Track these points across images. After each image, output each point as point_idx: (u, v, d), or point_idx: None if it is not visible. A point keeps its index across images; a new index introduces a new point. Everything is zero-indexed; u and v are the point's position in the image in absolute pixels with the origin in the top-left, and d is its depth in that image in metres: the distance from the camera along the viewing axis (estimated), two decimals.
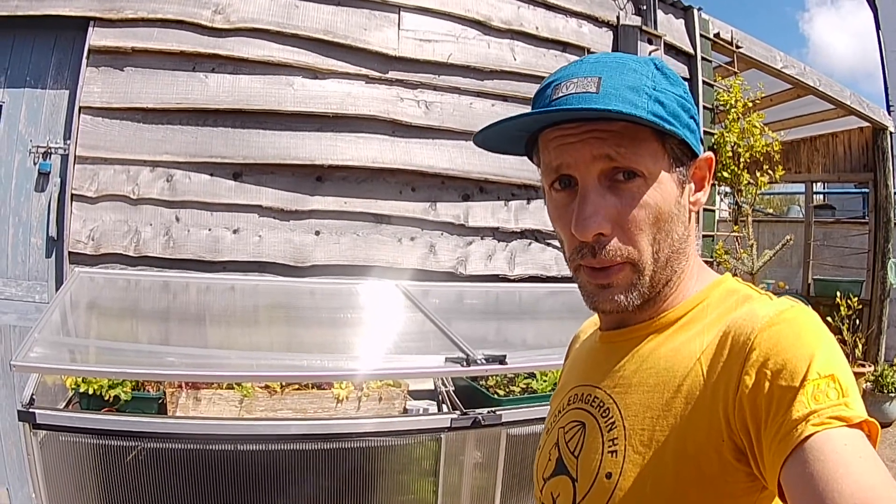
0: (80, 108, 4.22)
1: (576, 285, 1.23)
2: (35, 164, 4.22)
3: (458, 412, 3.28)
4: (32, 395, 2.73)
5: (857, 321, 9.01)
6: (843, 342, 8.48)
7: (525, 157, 1.28)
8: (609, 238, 1.12)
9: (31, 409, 2.66)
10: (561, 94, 1.13)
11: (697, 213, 1.25)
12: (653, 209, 1.13)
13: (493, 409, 3.32)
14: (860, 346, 8.74)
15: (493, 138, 1.22)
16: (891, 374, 8.36)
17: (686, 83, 1.22)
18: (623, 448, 1.12)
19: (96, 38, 4.27)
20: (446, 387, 3.73)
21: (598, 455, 1.16)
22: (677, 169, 1.17)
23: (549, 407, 1.43)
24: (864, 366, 8.65)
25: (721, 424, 1.00)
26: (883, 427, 7.78)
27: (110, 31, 4.30)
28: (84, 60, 4.24)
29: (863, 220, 11.54)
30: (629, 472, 1.09)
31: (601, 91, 1.10)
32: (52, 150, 4.23)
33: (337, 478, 3.06)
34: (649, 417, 1.11)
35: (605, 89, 1.11)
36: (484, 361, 3.19)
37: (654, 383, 1.13)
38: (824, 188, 15.59)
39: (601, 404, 1.21)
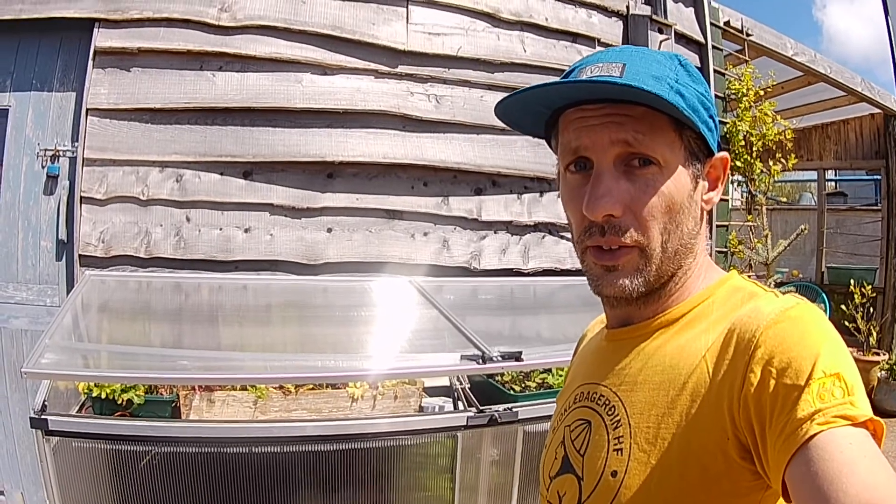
0: (87, 109, 4.20)
1: None
2: (43, 167, 4.21)
3: (474, 410, 3.26)
4: (44, 401, 2.71)
5: (872, 309, 8.95)
6: (857, 330, 8.46)
7: (538, 150, 1.30)
8: (619, 221, 1.13)
9: (43, 416, 2.64)
10: (585, 76, 1.13)
11: (710, 211, 1.27)
12: (666, 198, 1.13)
13: (509, 405, 3.31)
14: (875, 334, 8.69)
15: (514, 111, 1.23)
16: None
17: (704, 81, 1.22)
18: (628, 446, 1.12)
19: (102, 39, 4.25)
20: (462, 384, 3.70)
21: (604, 453, 1.15)
22: (693, 163, 1.17)
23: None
24: (878, 354, 8.61)
25: (726, 422, 1.00)
26: None
27: (116, 31, 4.28)
28: (90, 62, 4.22)
29: (875, 208, 11.50)
30: (634, 471, 1.09)
31: (625, 76, 1.10)
32: (60, 153, 4.21)
33: (354, 477, 3.05)
34: (654, 415, 1.10)
35: (630, 74, 1.11)
36: (500, 358, 3.16)
37: (659, 381, 1.13)
38: (836, 175, 15.50)
39: (607, 402, 1.20)
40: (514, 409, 3.26)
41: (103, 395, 3.05)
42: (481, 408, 3.27)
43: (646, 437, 1.10)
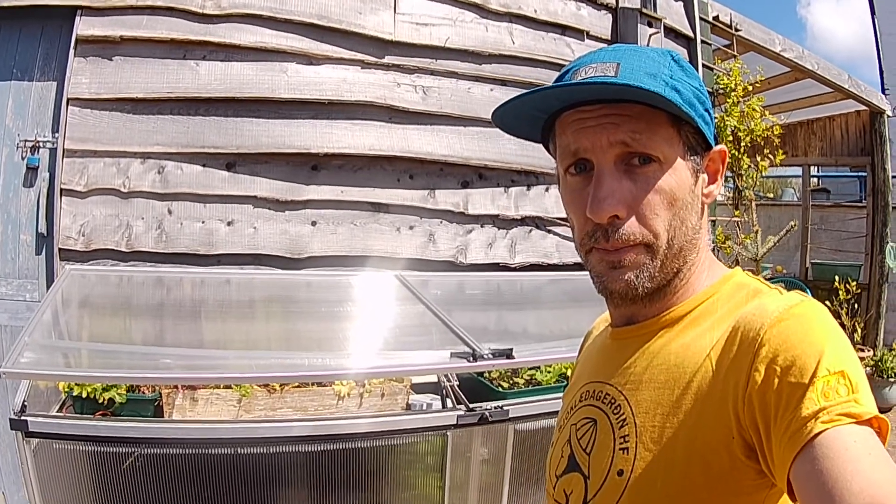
0: (68, 99, 4.11)
1: (578, 273, 1.22)
2: (23, 158, 4.12)
3: (463, 408, 3.23)
4: (24, 401, 2.64)
5: (856, 305, 9.05)
6: (841, 326, 8.44)
7: (525, 143, 1.27)
8: (623, 222, 1.13)
9: (23, 417, 2.58)
10: (580, 78, 1.14)
11: (708, 206, 1.26)
12: (668, 194, 1.13)
13: (499, 404, 3.27)
14: (859, 330, 8.79)
15: (510, 117, 1.24)
16: (890, 358, 8.34)
17: (698, 75, 1.20)
18: (634, 445, 1.12)
19: (84, 27, 4.16)
20: (450, 381, 3.65)
21: (610, 452, 1.16)
22: (692, 157, 1.18)
23: (555, 399, 1.47)
24: (863, 350, 8.68)
25: (731, 421, 1.01)
26: (883, 412, 7.79)
27: (98, 19, 4.19)
28: (72, 51, 4.13)
29: (860, 204, 11.56)
30: (640, 470, 1.10)
31: (620, 75, 1.11)
32: (41, 144, 4.13)
33: (341, 478, 3.02)
34: (660, 414, 1.11)
35: (624, 73, 1.12)
36: (490, 356, 3.11)
37: (664, 380, 1.13)
38: (818, 172, 15.57)
39: (612, 401, 1.21)
40: (505, 408, 3.22)
41: (84, 394, 2.99)
42: (471, 406, 3.24)
43: (651, 436, 1.10)
